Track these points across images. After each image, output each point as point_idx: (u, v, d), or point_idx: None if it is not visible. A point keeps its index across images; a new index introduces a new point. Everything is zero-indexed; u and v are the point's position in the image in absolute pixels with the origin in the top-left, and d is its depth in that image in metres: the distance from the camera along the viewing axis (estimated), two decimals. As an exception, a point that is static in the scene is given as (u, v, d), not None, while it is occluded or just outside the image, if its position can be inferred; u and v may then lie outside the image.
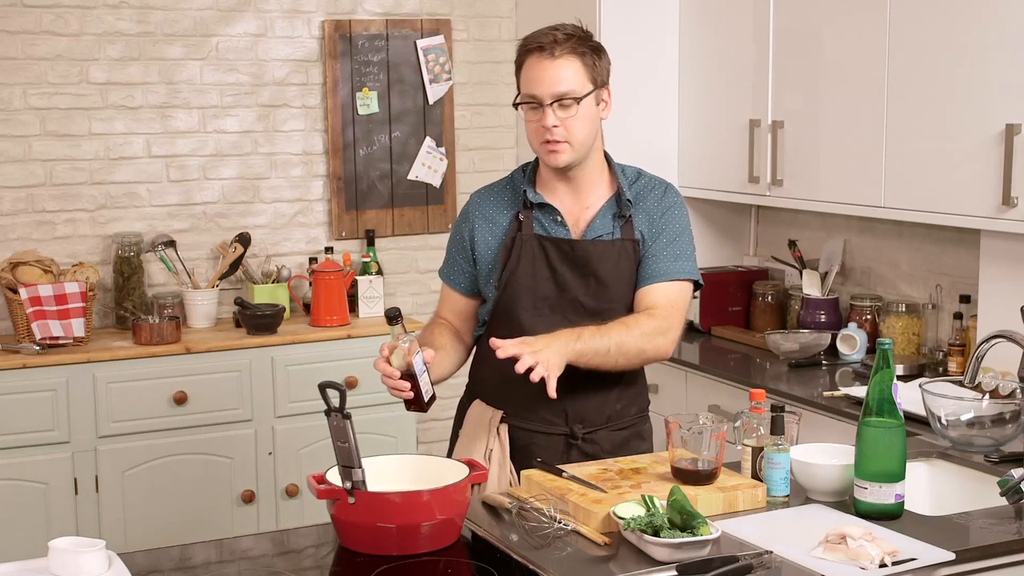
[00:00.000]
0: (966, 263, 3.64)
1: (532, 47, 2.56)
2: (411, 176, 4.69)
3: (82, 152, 4.24)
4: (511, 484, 2.61)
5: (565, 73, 2.52)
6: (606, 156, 2.69)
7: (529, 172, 2.69)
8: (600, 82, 2.58)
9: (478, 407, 2.71)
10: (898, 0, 3.39)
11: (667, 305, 2.60)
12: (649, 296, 2.61)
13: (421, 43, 4.64)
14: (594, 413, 2.65)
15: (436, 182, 4.73)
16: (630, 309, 2.62)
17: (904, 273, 3.90)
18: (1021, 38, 3.05)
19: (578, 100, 2.52)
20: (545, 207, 2.63)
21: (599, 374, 2.59)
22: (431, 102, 4.68)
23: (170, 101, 4.33)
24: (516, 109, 2.61)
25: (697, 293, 4.08)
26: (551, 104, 2.52)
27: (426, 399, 2.43)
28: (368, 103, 4.58)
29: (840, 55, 3.61)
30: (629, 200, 2.63)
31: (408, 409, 2.47)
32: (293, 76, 4.49)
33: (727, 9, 4.08)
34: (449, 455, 2.71)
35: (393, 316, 2.38)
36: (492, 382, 2.69)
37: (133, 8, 4.25)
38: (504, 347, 2.38)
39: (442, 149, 4.72)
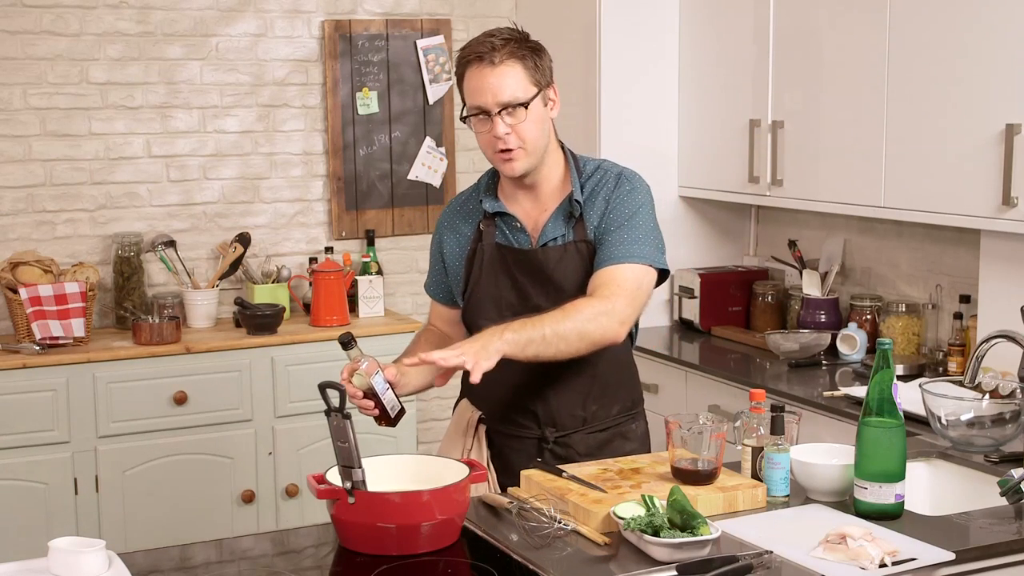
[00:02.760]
0: (966, 263, 3.64)
1: (471, 57, 2.50)
2: (411, 176, 4.69)
3: (82, 152, 4.24)
4: (488, 485, 2.59)
5: (507, 80, 2.47)
6: (565, 153, 2.63)
7: (489, 180, 2.66)
8: (544, 83, 2.53)
9: (463, 407, 2.71)
10: (898, 0, 3.39)
11: (610, 285, 2.47)
12: (595, 281, 2.50)
13: (421, 43, 4.65)
14: (566, 417, 2.61)
15: (436, 182, 4.73)
16: None
17: (904, 273, 3.90)
18: (1021, 38, 3.05)
19: (525, 105, 2.47)
20: (504, 215, 2.61)
21: (570, 375, 2.57)
22: (431, 102, 4.68)
23: (170, 101, 4.34)
24: (464, 123, 2.55)
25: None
26: (499, 112, 2.47)
27: (392, 415, 2.42)
28: (368, 103, 4.58)
29: (840, 55, 3.61)
30: (578, 201, 2.56)
31: (379, 425, 2.47)
32: (293, 76, 4.50)
33: (727, 9, 4.08)
34: None
35: (346, 342, 2.39)
36: (476, 385, 2.66)
37: (133, 8, 4.25)
38: (445, 360, 2.28)
39: (442, 149, 4.72)
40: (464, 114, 2.53)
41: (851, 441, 2.34)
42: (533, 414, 2.61)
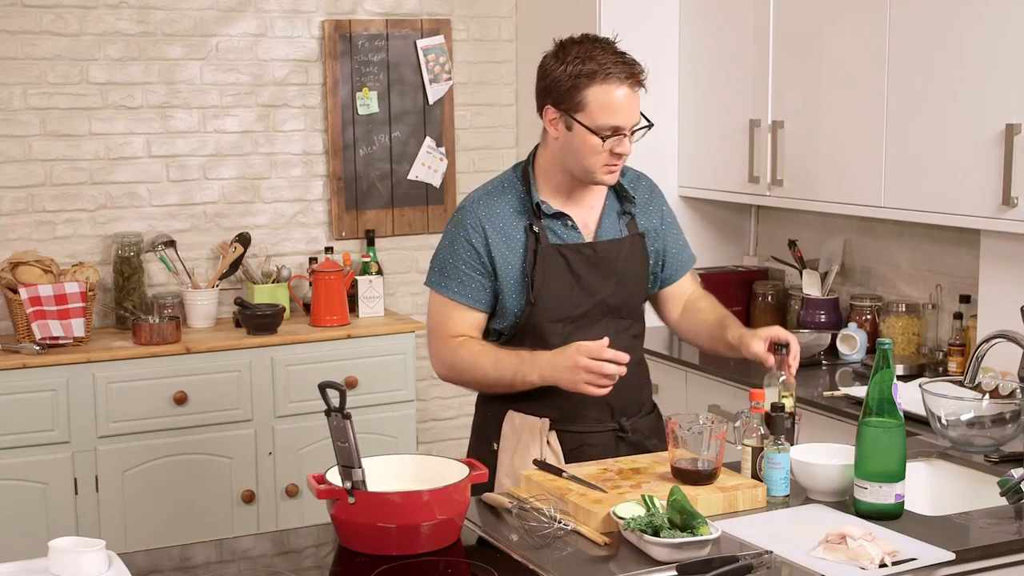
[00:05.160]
0: (966, 263, 3.64)
1: (622, 76, 2.53)
2: (411, 176, 4.69)
3: (82, 152, 4.24)
4: None
5: (639, 100, 2.58)
6: None
7: (524, 177, 2.67)
8: None
9: (517, 418, 2.67)
10: (898, 0, 3.39)
11: (701, 290, 2.90)
12: (689, 282, 2.87)
13: (421, 43, 4.65)
14: (634, 404, 2.71)
15: (436, 182, 4.73)
16: (642, 299, 2.77)
17: (904, 273, 3.90)
18: (1021, 38, 3.05)
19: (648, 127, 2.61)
20: (556, 215, 2.64)
21: (631, 364, 2.61)
22: (431, 102, 4.68)
23: (170, 101, 4.33)
24: (567, 118, 2.54)
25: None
26: (631, 132, 2.57)
27: None
28: (368, 103, 4.58)
29: (840, 55, 3.61)
30: (633, 198, 2.70)
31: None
32: (293, 76, 4.50)
33: (727, 9, 4.08)
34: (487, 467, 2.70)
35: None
36: (533, 392, 2.63)
37: (133, 8, 4.25)
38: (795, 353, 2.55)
39: (442, 149, 4.72)
40: (593, 126, 2.52)
41: (851, 441, 2.34)
42: (608, 406, 2.66)
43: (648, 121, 2.60)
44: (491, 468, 2.64)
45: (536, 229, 2.62)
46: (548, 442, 2.64)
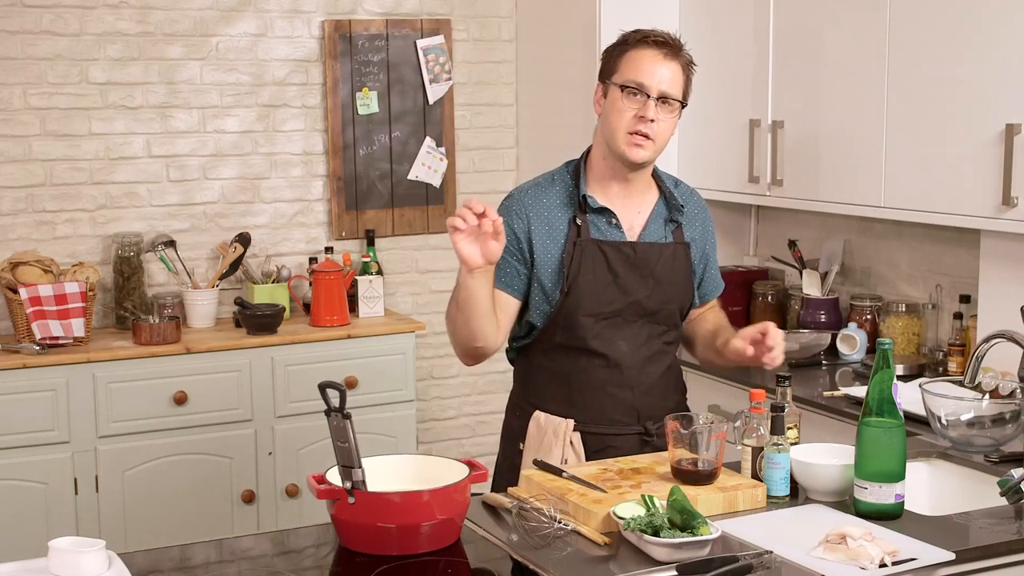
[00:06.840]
0: (966, 263, 3.64)
1: (650, 40, 2.61)
2: (411, 176, 4.69)
3: (82, 152, 4.24)
4: None
5: (676, 76, 2.60)
6: None
7: (577, 172, 2.69)
8: (687, 98, 2.65)
9: (542, 418, 2.69)
10: (898, 0, 3.39)
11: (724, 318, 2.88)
12: (718, 308, 2.87)
13: (421, 43, 4.65)
14: (659, 408, 2.70)
15: (436, 182, 4.73)
16: (682, 308, 2.75)
17: (904, 273, 3.90)
18: (1021, 38, 3.05)
19: (683, 104, 2.61)
20: (602, 210, 2.65)
21: (656, 370, 2.69)
22: (431, 102, 4.68)
23: (170, 101, 4.33)
24: (606, 85, 2.62)
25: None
26: (657, 99, 2.56)
27: None
28: (368, 103, 4.58)
29: (840, 55, 3.61)
30: (682, 206, 2.72)
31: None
32: (293, 76, 4.50)
33: (727, 9, 4.08)
34: (506, 469, 2.70)
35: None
36: (557, 392, 2.68)
37: (133, 8, 4.25)
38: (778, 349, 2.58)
39: (442, 149, 4.72)
40: (620, 82, 2.59)
41: (851, 441, 2.34)
42: (633, 409, 2.68)
43: (681, 100, 2.60)
44: (517, 468, 2.66)
45: (579, 222, 2.64)
46: (571, 442, 2.65)
